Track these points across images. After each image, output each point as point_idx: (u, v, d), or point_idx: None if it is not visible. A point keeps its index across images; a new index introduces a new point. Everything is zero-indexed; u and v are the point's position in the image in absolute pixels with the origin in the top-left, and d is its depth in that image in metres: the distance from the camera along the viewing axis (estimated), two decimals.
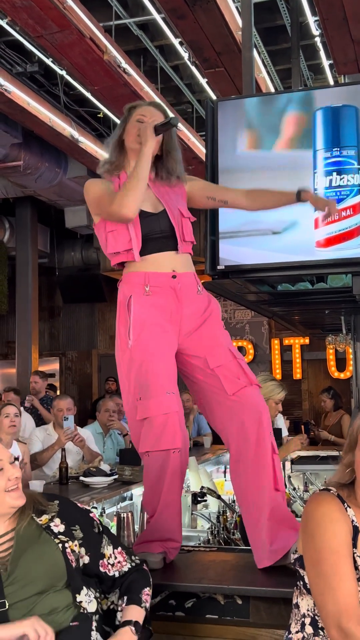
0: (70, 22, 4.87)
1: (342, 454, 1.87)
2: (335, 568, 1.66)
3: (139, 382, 2.40)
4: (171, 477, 2.40)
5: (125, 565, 1.98)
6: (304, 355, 10.69)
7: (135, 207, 2.39)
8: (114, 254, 2.50)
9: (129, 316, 2.45)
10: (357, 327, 4.98)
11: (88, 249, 10.62)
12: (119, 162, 2.56)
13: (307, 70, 6.93)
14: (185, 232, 2.51)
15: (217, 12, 4.87)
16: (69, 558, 1.84)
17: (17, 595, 1.76)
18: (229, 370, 2.44)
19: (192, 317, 2.48)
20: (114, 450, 5.53)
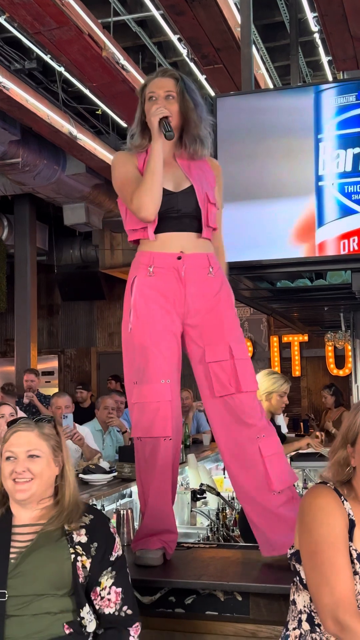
0: (69, 19, 4.85)
1: (329, 453, 1.85)
2: (332, 560, 1.66)
3: (137, 367, 2.41)
4: (162, 465, 2.40)
5: (109, 608, 1.86)
6: (303, 352, 10.70)
7: (154, 208, 2.36)
8: (131, 231, 2.50)
9: (131, 298, 2.45)
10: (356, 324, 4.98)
11: (87, 247, 10.61)
12: (142, 143, 2.52)
13: (306, 67, 6.93)
14: (210, 217, 2.46)
15: (216, 9, 4.86)
16: (78, 572, 1.82)
17: (17, 589, 1.76)
18: (222, 370, 2.40)
19: (198, 298, 2.43)
20: (113, 447, 5.53)
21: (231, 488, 4.92)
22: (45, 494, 1.90)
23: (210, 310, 2.44)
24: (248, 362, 2.46)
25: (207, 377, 2.42)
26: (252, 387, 2.44)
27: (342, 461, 1.80)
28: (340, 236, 2.96)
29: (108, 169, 7.68)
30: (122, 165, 2.51)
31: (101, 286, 11.05)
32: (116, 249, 10.00)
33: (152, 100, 2.46)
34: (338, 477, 1.80)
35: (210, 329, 2.43)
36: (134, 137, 2.54)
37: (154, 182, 2.36)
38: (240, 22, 4.41)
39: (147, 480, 2.43)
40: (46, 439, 1.92)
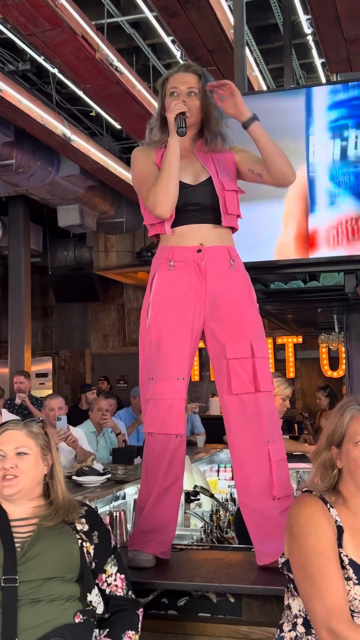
0: (62, 20, 4.85)
1: (313, 455, 1.85)
2: (322, 570, 1.66)
3: (153, 363, 2.41)
4: (170, 461, 2.40)
5: (118, 592, 1.96)
6: (297, 354, 10.71)
7: (170, 205, 2.35)
8: (150, 226, 2.49)
9: (150, 294, 2.44)
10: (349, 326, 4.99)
11: (81, 248, 10.60)
12: (161, 138, 2.51)
13: (299, 69, 6.94)
14: (229, 204, 2.43)
15: (210, 11, 4.86)
16: (85, 556, 1.88)
17: (27, 574, 1.79)
18: (242, 367, 2.38)
19: (220, 292, 2.41)
20: (107, 449, 5.52)
21: (225, 490, 4.93)
22: (33, 492, 1.94)
23: (232, 305, 2.42)
24: (267, 362, 2.45)
25: (226, 373, 2.40)
26: (270, 388, 2.44)
27: (327, 463, 1.80)
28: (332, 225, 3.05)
29: (102, 170, 7.73)
30: (140, 162, 2.50)
31: (95, 288, 11.04)
32: (110, 251, 10.00)
33: (174, 95, 2.45)
34: (325, 482, 1.78)
35: (231, 325, 2.41)
36: (153, 131, 2.53)
37: (170, 180, 2.34)
38: (233, 24, 4.42)
39: (154, 476, 2.42)
40: (34, 437, 1.97)
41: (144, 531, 2.45)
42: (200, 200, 2.42)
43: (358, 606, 1.67)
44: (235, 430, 2.42)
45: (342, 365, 9.89)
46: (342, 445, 1.77)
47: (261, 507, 2.38)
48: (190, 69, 2.50)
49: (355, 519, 1.76)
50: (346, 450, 1.76)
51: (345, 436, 1.77)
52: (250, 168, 2.50)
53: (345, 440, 1.77)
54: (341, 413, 1.80)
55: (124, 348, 11.40)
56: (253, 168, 2.50)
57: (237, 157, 2.53)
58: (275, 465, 2.38)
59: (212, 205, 2.43)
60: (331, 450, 1.79)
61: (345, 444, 1.76)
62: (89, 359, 11.71)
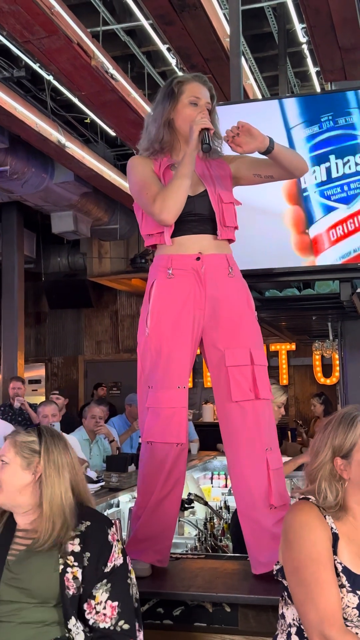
0: (58, 28, 4.86)
1: (309, 467, 1.81)
2: (316, 576, 1.65)
3: (152, 371, 2.39)
4: (170, 470, 2.38)
5: (105, 622, 1.80)
6: (291, 361, 10.73)
7: (176, 212, 2.33)
8: (147, 236, 2.47)
9: (149, 303, 2.42)
10: (343, 334, 4.99)
11: (74, 255, 10.60)
12: (165, 144, 2.47)
13: (294, 77, 6.98)
14: (226, 217, 2.43)
15: (205, 19, 4.89)
16: (66, 583, 1.77)
17: (8, 594, 1.76)
18: (241, 375, 2.38)
19: (219, 299, 2.40)
20: (100, 456, 5.51)
21: (219, 497, 4.93)
22: (25, 503, 1.87)
23: (231, 313, 2.41)
24: (266, 369, 2.45)
25: (226, 380, 2.39)
26: (269, 395, 2.43)
27: (336, 475, 1.76)
28: (328, 228, 3.46)
29: (96, 177, 7.74)
30: (140, 169, 2.46)
31: (89, 294, 11.03)
32: (104, 257, 10.00)
33: (194, 106, 2.43)
34: (334, 494, 1.75)
35: (231, 332, 2.40)
36: (160, 132, 2.46)
37: (181, 187, 2.32)
38: (229, 33, 4.44)
39: (152, 484, 2.40)
40: (15, 445, 1.88)
41: (141, 539, 2.43)
42: (199, 211, 2.41)
43: (351, 614, 1.67)
44: (234, 437, 2.41)
45: (335, 373, 9.91)
46: (352, 455, 1.75)
47: (258, 515, 2.37)
48: (207, 85, 2.48)
49: (354, 528, 1.75)
50: (357, 460, 1.74)
51: (356, 446, 1.75)
52: (256, 173, 2.50)
53: (355, 450, 1.75)
54: (350, 423, 1.78)
55: (117, 355, 11.39)
56: (259, 172, 2.49)
57: (232, 167, 2.52)
58: (273, 474, 2.37)
59: (210, 217, 2.42)
60: (334, 462, 1.77)
61: (356, 454, 1.75)
62: (82, 365, 11.69)
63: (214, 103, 2.50)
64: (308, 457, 1.80)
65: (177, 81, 2.47)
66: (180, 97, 2.44)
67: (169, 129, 2.46)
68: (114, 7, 6.04)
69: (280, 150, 2.36)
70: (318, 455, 1.80)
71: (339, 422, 1.80)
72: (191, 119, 2.39)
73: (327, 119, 3.38)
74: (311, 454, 1.83)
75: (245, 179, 2.54)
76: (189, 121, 2.40)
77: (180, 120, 2.44)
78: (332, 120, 3.38)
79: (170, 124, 2.46)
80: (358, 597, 1.67)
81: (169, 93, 2.46)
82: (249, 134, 2.30)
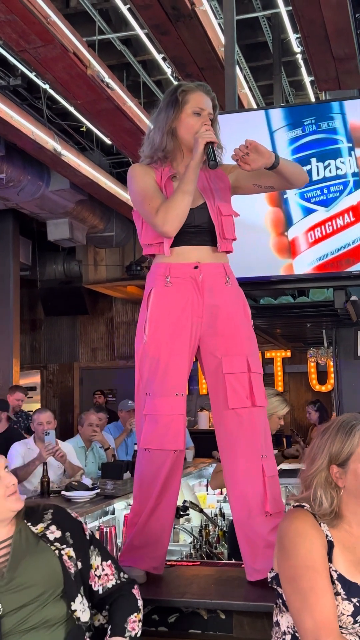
0: (54, 37, 4.88)
1: (304, 475, 1.81)
2: (311, 584, 1.66)
3: (150, 379, 2.40)
4: (167, 477, 2.39)
5: (110, 581, 1.94)
6: (286, 368, 10.74)
7: (178, 225, 2.34)
8: (146, 245, 2.48)
9: (147, 311, 2.43)
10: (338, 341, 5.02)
11: (70, 262, 10.61)
12: (168, 153, 2.47)
13: (288, 87, 7.02)
14: (225, 229, 2.45)
15: (200, 29, 4.91)
16: (66, 565, 1.84)
17: (12, 602, 1.76)
18: (238, 382, 2.39)
19: (217, 307, 2.42)
20: (95, 464, 5.51)
21: (214, 504, 4.92)
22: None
23: (228, 320, 2.43)
24: (261, 377, 2.46)
25: (223, 388, 2.40)
26: (264, 403, 2.44)
27: (332, 483, 1.77)
28: (307, 229, 3.51)
29: (92, 185, 7.76)
30: (141, 178, 2.46)
31: (84, 301, 11.04)
32: (99, 265, 10.01)
33: (197, 116, 2.43)
34: (329, 502, 1.76)
35: (228, 340, 2.42)
36: (163, 140, 2.46)
37: (184, 200, 2.33)
38: (224, 42, 4.47)
39: (149, 491, 2.41)
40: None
41: (136, 547, 2.44)
42: (198, 222, 2.42)
43: (345, 621, 1.67)
44: (230, 444, 2.42)
45: (330, 380, 9.93)
46: (348, 464, 1.76)
47: (254, 523, 2.38)
48: (210, 95, 2.49)
49: (349, 536, 1.76)
50: (354, 469, 1.75)
51: (352, 455, 1.76)
52: (256, 183, 2.52)
53: (352, 459, 1.76)
54: (348, 432, 1.78)
55: (113, 362, 11.38)
56: (260, 183, 2.51)
57: (231, 177, 2.54)
58: (269, 481, 2.38)
59: (209, 229, 2.44)
60: (330, 469, 1.78)
61: (353, 463, 1.75)
62: (77, 372, 11.68)
63: (216, 113, 2.51)
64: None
65: (182, 90, 2.47)
66: (184, 106, 2.45)
67: (172, 137, 2.47)
68: (109, 17, 6.07)
69: (283, 164, 2.38)
70: (314, 461, 1.80)
71: (337, 430, 1.80)
72: (194, 129, 2.40)
73: (310, 123, 3.42)
74: (307, 460, 1.83)
75: (245, 188, 2.56)
76: (191, 131, 2.41)
77: (183, 129, 2.45)
78: (314, 124, 3.41)
79: (174, 133, 2.46)
80: (353, 605, 1.68)
81: (172, 102, 2.46)
82: (256, 152, 2.32)
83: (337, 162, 3.36)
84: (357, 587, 1.70)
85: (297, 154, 3.42)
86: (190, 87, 2.48)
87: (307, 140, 3.40)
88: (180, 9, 4.64)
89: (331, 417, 7.24)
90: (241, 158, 2.33)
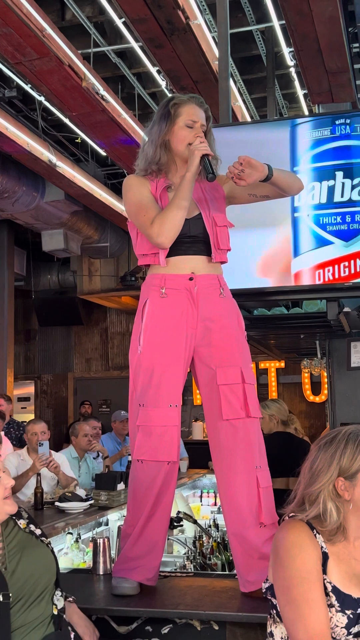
0: (49, 50, 4.91)
1: (308, 488, 1.78)
2: (306, 595, 1.66)
3: (144, 390, 2.40)
4: (161, 488, 2.39)
5: None
6: (280, 378, 10.75)
7: (173, 236, 2.36)
8: (141, 255, 2.49)
9: (142, 321, 2.44)
10: (331, 352, 5.03)
11: (64, 272, 10.62)
12: (162, 165, 2.49)
13: (282, 99, 7.07)
14: (220, 240, 2.46)
15: (195, 42, 4.95)
16: (56, 556, 1.95)
17: (18, 593, 1.81)
18: (233, 393, 2.40)
19: (211, 319, 2.43)
20: (89, 475, 5.50)
21: (208, 515, 4.92)
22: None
23: (222, 332, 2.44)
24: (255, 388, 2.48)
25: (217, 399, 2.41)
26: (258, 414, 2.46)
27: (338, 496, 1.75)
28: (315, 266, 2.97)
29: (87, 196, 7.78)
30: (136, 189, 2.48)
31: (79, 312, 11.04)
32: (94, 275, 10.02)
33: (190, 128, 2.45)
34: (339, 515, 1.74)
35: (222, 351, 2.44)
36: (156, 153, 2.48)
37: (179, 212, 2.35)
38: (218, 56, 4.50)
39: (143, 502, 2.41)
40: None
41: (130, 558, 2.44)
42: (193, 233, 2.44)
43: (339, 633, 1.67)
44: (224, 455, 2.43)
45: (324, 390, 9.94)
46: (357, 477, 1.73)
47: (248, 534, 2.38)
48: (203, 107, 2.51)
49: (344, 548, 1.75)
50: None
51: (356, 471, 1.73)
52: (252, 193, 2.54)
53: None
54: (358, 445, 1.75)
55: (107, 372, 11.38)
56: (255, 192, 2.53)
57: (226, 187, 2.56)
58: (263, 492, 2.39)
59: (204, 239, 2.46)
60: (336, 482, 1.75)
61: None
62: (71, 383, 11.66)
63: (209, 124, 2.53)
64: None
65: (174, 103, 2.49)
66: (176, 119, 2.47)
67: (166, 150, 2.49)
68: (104, 30, 6.11)
69: (277, 175, 2.40)
70: (319, 475, 1.76)
71: (345, 442, 1.76)
72: (187, 141, 2.43)
73: (343, 123, 2.83)
74: (307, 475, 1.80)
75: (240, 198, 2.59)
76: (184, 143, 2.44)
77: (176, 141, 2.47)
78: (349, 127, 2.78)
79: (167, 146, 2.49)
80: (347, 617, 1.68)
81: (165, 114, 2.48)
82: (249, 166, 2.34)
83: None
84: (351, 599, 1.70)
85: (318, 162, 2.89)
86: (182, 100, 2.50)
87: (335, 145, 2.83)
88: (175, 22, 4.68)
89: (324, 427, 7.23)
90: (236, 175, 2.35)
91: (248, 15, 5.78)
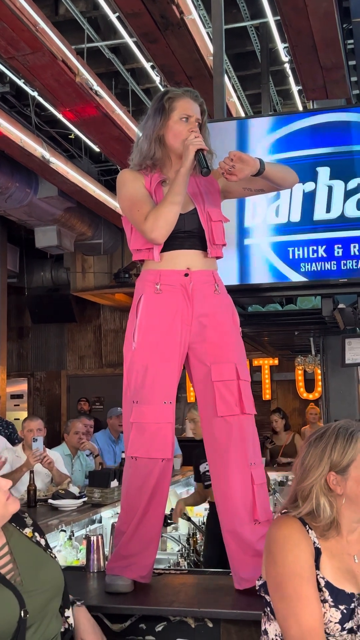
0: (43, 45, 4.89)
1: (299, 483, 1.78)
2: (298, 591, 1.66)
3: (138, 386, 2.38)
4: (155, 485, 2.38)
5: None
6: (273, 376, 10.76)
7: (167, 232, 2.34)
8: (136, 250, 2.47)
9: (136, 318, 2.42)
10: (325, 348, 5.04)
11: (58, 269, 10.59)
12: (157, 160, 2.47)
13: (276, 95, 7.07)
14: (215, 235, 2.45)
15: (189, 38, 4.93)
16: (61, 569, 1.88)
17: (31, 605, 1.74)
18: (227, 390, 2.39)
19: (206, 315, 2.41)
20: (82, 472, 5.49)
21: (202, 513, 4.91)
22: None
23: (217, 328, 2.43)
24: (249, 385, 2.46)
25: (212, 395, 2.40)
26: (253, 411, 2.44)
27: (330, 491, 1.75)
28: None
29: (80, 192, 7.76)
30: (130, 184, 2.45)
31: (72, 309, 11.01)
32: (87, 272, 10.00)
33: (185, 122, 2.43)
34: (332, 509, 1.74)
35: (216, 348, 2.42)
36: (150, 148, 2.45)
37: (174, 208, 2.34)
38: (212, 51, 4.49)
39: (137, 500, 2.39)
40: None
41: (124, 555, 2.42)
42: (188, 228, 2.42)
43: (333, 629, 1.67)
44: (219, 452, 2.41)
45: (317, 388, 9.96)
46: (349, 471, 1.74)
47: (243, 531, 2.37)
48: (198, 101, 2.48)
49: (336, 543, 1.76)
50: (355, 476, 1.74)
51: (354, 462, 1.74)
52: (246, 187, 2.52)
53: (354, 465, 1.74)
54: (349, 439, 1.76)
55: (100, 369, 11.36)
56: (250, 186, 2.51)
57: (221, 182, 2.54)
58: (257, 489, 2.38)
59: (199, 234, 2.44)
60: (327, 476, 1.76)
61: (354, 470, 1.74)
62: (64, 380, 11.65)
63: (204, 118, 2.51)
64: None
65: (168, 97, 2.47)
66: (170, 113, 2.44)
67: (160, 145, 2.46)
68: (98, 25, 6.09)
69: (270, 169, 2.39)
70: (311, 471, 1.77)
71: (335, 437, 1.78)
72: (182, 135, 2.40)
73: None
74: (299, 470, 1.80)
75: (235, 192, 2.57)
76: (179, 137, 2.41)
77: (170, 136, 2.45)
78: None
79: (161, 140, 2.46)
80: (340, 612, 1.68)
81: (159, 109, 2.46)
82: (240, 161, 2.33)
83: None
84: (345, 594, 1.70)
85: (282, 153, 2.70)
86: (177, 94, 2.48)
87: (315, 122, 2.43)
88: (169, 17, 4.66)
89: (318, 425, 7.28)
90: (227, 171, 2.34)
91: (242, 11, 5.77)
